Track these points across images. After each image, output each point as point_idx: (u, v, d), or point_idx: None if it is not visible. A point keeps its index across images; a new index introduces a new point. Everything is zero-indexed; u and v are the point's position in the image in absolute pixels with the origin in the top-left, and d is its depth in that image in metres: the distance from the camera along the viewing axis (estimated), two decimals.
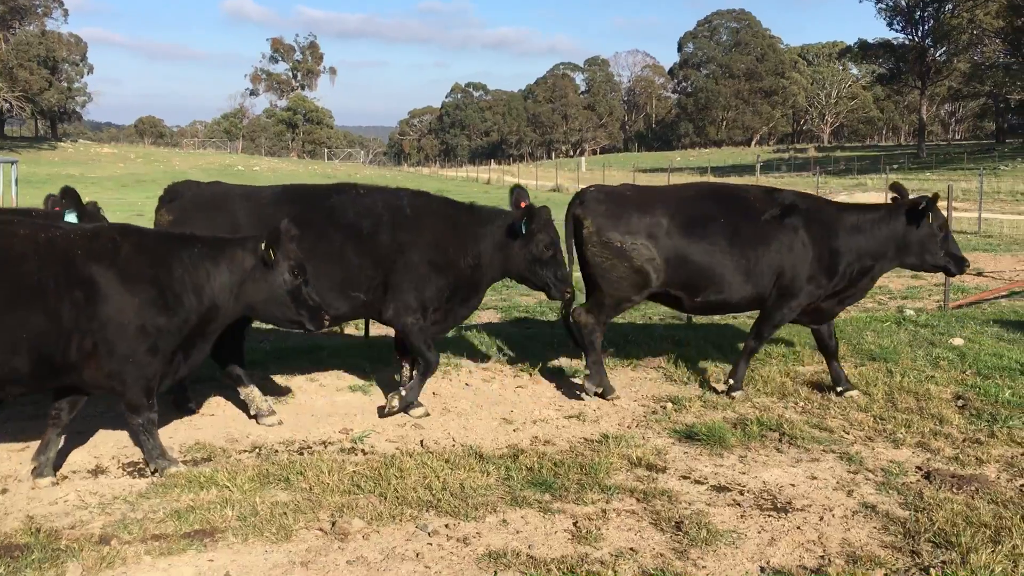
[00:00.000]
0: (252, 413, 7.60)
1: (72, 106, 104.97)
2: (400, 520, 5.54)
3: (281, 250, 6.33)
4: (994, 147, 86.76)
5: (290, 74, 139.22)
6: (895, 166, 72.88)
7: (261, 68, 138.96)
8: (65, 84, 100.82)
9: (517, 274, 8.07)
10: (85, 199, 7.96)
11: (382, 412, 7.74)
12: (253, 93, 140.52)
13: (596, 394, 8.27)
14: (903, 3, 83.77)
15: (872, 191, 48.63)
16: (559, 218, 8.24)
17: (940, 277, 13.34)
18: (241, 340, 7.84)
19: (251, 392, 7.63)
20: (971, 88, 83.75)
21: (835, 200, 9.37)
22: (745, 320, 12.05)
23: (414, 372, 8.01)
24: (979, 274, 16.73)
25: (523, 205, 7.94)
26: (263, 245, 6.27)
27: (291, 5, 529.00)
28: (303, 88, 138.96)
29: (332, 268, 7.47)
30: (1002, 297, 13.87)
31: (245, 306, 6.48)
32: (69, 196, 7.67)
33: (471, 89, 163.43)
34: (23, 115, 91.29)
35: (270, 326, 8.27)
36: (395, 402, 7.71)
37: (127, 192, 46.24)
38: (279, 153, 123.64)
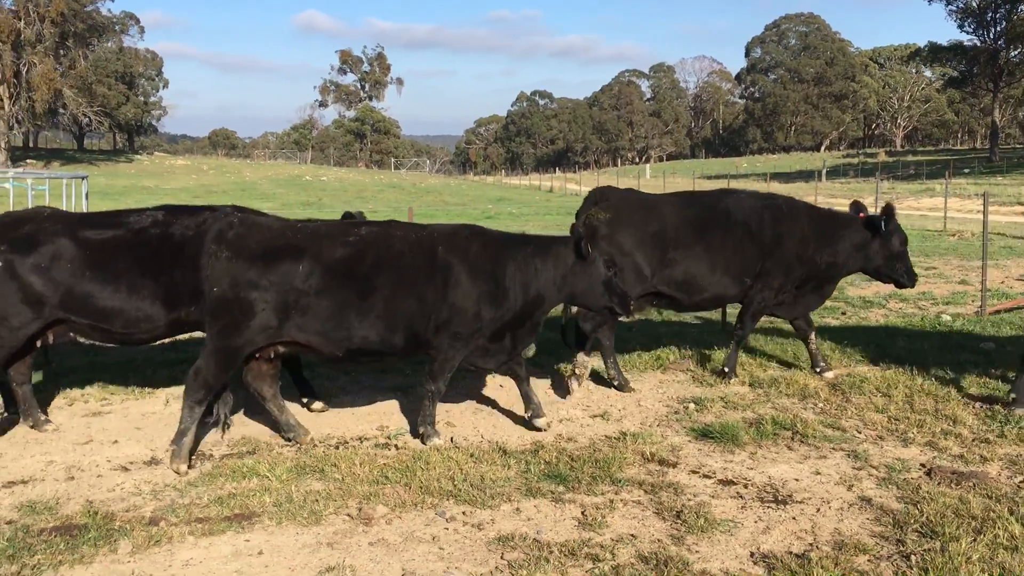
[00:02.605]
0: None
1: (148, 120, 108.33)
2: (421, 507, 6.01)
3: (596, 246, 7.43)
4: None
5: (358, 85, 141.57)
6: (966, 170, 71.61)
7: (330, 80, 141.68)
8: (141, 98, 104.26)
9: (873, 268, 9.51)
10: None
11: (728, 377, 9.29)
12: (322, 104, 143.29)
13: None
14: (974, 4, 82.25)
15: (939, 196, 48.02)
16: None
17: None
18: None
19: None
20: None
21: None
22: (770, 324, 12.30)
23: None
24: None
25: (861, 216, 9.41)
26: (582, 242, 7.30)
27: (360, 17, 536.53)
28: (371, 99, 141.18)
29: (734, 258, 9.08)
30: None
31: (567, 295, 7.57)
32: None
33: (537, 97, 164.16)
34: (102, 129, 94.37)
35: None
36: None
37: (198, 203, 47.63)
38: (347, 163, 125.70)
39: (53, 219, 7.59)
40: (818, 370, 9.36)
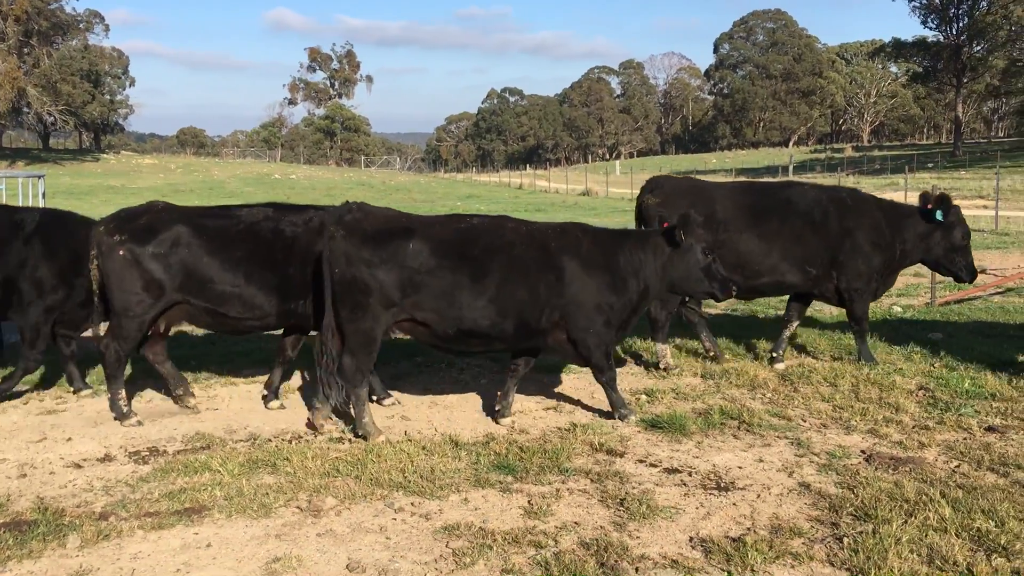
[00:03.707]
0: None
1: (114, 118, 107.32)
2: (370, 499, 6.10)
3: (691, 234, 7.59)
4: None
5: (328, 83, 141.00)
6: (930, 165, 72.43)
7: (299, 78, 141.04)
8: (107, 97, 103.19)
9: (933, 260, 9.65)
10: None
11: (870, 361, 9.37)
12: (291, 102, 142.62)
13: None
14: (936, 1, 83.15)
15: (903, 190, 48.56)
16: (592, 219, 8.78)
17: (942, 275, 13.65)
18: None
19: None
20: (1010, 85, 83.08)
21: None
22: (733, 311, 12.46)
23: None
24: (982, 271, 16.95)
25: (928, 206, 9.41)
26: (674, 230, 7.55)
27: (331, 15, 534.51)
28: (340, 96, 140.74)
29: (795, 247, 9.28)
30: (997, 294, 14.16)
31: (668, 284, 7.83)
32: None
33: (507, 94, 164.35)
34: (67, 128, 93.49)
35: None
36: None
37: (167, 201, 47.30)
38: (317, 161, 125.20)
39: (168, 210, 8.09)
40: (774, 355, 9.54)
